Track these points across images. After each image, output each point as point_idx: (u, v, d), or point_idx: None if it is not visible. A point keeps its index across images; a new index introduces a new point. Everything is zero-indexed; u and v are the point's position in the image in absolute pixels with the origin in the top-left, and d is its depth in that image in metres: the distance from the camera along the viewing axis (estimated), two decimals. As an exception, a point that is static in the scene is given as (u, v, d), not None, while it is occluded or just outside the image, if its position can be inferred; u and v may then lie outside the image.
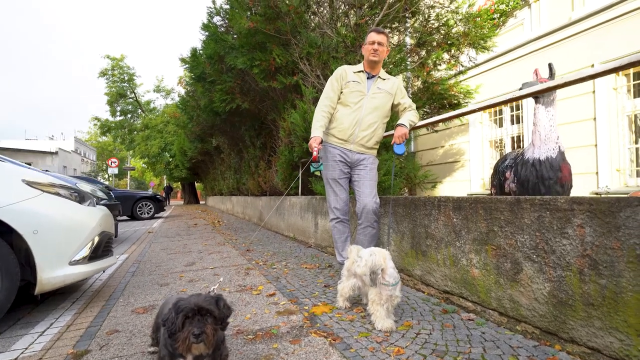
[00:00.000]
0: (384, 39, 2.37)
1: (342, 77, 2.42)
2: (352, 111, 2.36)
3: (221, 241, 4.77)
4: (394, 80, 2.50)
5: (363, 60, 2.48)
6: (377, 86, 2.41)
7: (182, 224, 8.05)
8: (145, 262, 3.45)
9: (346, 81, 2.40)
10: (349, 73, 2.42)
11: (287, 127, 4.63)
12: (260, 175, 6.39)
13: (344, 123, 2.36)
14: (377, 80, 2.43)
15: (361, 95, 2.37)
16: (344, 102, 2.40)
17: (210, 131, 8.71)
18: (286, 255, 3.57)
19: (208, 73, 5.48)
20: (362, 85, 2.39)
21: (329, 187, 2.43)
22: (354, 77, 2.40)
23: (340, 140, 2.39)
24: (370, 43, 2.35)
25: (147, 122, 22.94)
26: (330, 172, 2.39)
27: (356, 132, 2.36)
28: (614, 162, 4.64)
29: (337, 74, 2.44)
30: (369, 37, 2.39)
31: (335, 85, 2.42)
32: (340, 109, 2.41)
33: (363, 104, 2.36)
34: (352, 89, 2.37)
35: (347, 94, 2.38)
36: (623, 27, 4.48)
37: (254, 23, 4.02)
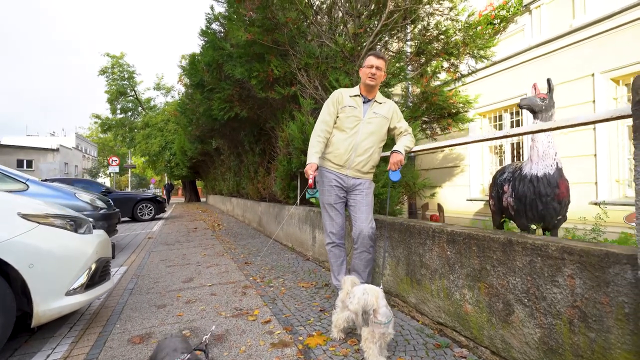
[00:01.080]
0: (382, 64, 2.36)
1: (338, 101, 2.41)
2: (348, 136, 2.35)
3: (220, 251, 4.78)
4: (390, 104, 2.49)
5: (360, 82, 2.47)
6: (373, 111, 2.40)
7: (182, 228, 8.08)
8: (144, 277, 3.47)
9: (342, 106, 2.39)
10: (345, 97, 2.41)
11: (285, 137, 4.63)
12: (260, 182, 6.39)
13: (340, 148, 2.36)
14: (374, 105, 2.42)
15: (357, 120, 2.36)
16: (340, 127, 2.39)
17: (210, 134, 8.71)
18: (284, 269, 3.59)
19: (207, 81, 5.46)
20: (358, 110, 2.38)
21: (325, 212, 2.43)
22: (350, 102, 2.39)
23: (336, 165, 2.38)
24: (369, 67, 2.34)
25: (147, 120, 22.94)
26: (326, 197, 2.39)
27: (352, 157, 2.36)
28: (613, 173, 4.63)
29: (333, 98, 2.43)
30: (367, 60, 2.37)
31: (331, 109, 2.41)
32: (337, 134, 2.40)
33: (359, 129, 2.35)
34: (348, 114, 2.37)
35: (343, 119, 2.38)
36: (623, 37, 4.44)
37: (251, 35, 4.00)
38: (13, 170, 4.69)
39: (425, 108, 4.81)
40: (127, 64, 24.01)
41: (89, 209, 4.75)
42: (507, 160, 6.22)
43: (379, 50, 2.41)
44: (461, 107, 4.89)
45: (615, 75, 4.58)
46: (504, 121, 6.30)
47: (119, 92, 23.81)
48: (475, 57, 4.75)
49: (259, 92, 4.54)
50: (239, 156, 8.27)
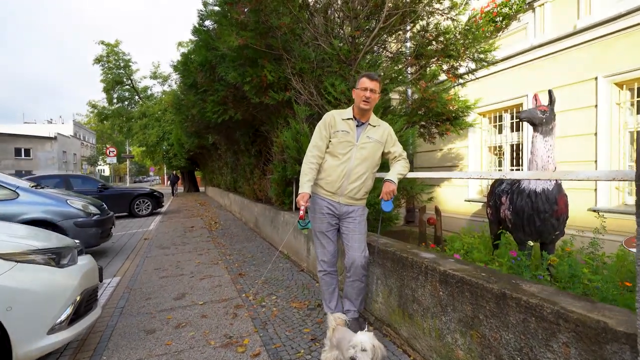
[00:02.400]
0: (376, 86, 2.25)
1: (330, 125, 2.32)
2: (341, 162, 2.27)
3: (215, 258, 4.75)
4: (384, 127, 2.40)
5: (352, 104, 2.37)
6: (367, 135, 2.31)
7: (178, 227, 8.04)
8: (136, 291, 3.43)
9: (335, 130, 2.29)
10: (337, 121, 2.31)
11: (280, 143, 4.53)
12: (256, 183, 6.32)
13: (332, 175, 2.27)
14: (367, 129, 2.33)
15: (350, 145, 2.27)
16: (333, 152, 2.30)
17: (206, 130, 8.58)
18: (277, 283, 3.55)
19: (200, 82, 5.31)
20: (351, 134, 2.29)
21: (316, 240, 2.37)
22: (342, 126, 2.29)
23: (328, 192, 2.31)
24: (363, 89, 2.23)
25: (144, 110, 22.66)
26: (318, 224, 2.32)
27: (345, 184, 2.28)
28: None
29: (325, 121, 2.34)
30: (361, 82, 2.27)
31: (323, 133, 2.32)
32: (329, 159, 2.31)
33: (352, 155, 2.27)
34: (341, 139, 2.27)
35: (336, 144, 2.28)
36: (628, 41, 4.29)
37: (244, 39, 3.85)
38: (4, 176, 4.61)
39: (424, 113, 4.69)
40: (122, 52, 23.58)
41: (81, 215, 4.70)
42: (507, 162, 6.14)
43: (373, 73, 2.30)
44: (460, 112, 4.77)
45: (619, 80, 4.45)
46: (504, 122, 6.18)
47: (115, 81, 23.44)
48: (475, 60, 4.61)
49: (252, 98, 4.41)
50: (236, 154, 8.17)
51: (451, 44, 4.44)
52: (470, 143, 6.66)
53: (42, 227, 4.43)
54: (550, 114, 3.14)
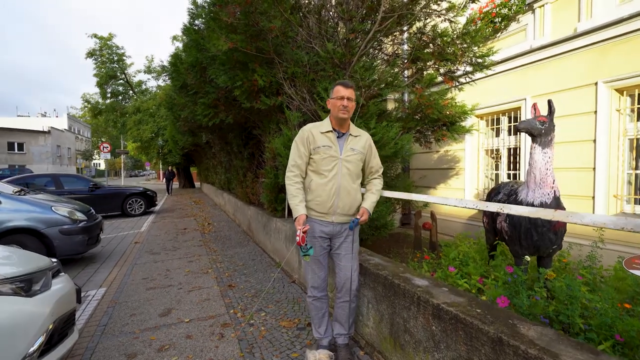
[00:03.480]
0: (352, 93, 2.14)
1: (309, 141, 2.18)
2: (328, 180, 2.15)
3: (205, 266, 4.64)
4: (365, 136, 2.30)
5: (329, 115, 2.25)
6: (350, 147, 2.19)
7: (171, 228, 7.92)
8: (121, 305, 3.32)
9: (315, 146, 2.17)
10: (316, 136, 2.18)
11: (272, 148, 4.40)
12: (248, 187, 6.19)
13: (322, 195, 2.15)
14: (349, 139, 2.21)
15: (335, 159, 2.16)
16: (317, 170, 2.18)
17: (199, 130, 8.41)
18: (268, 297, 3.45)
19: (190, 84, 5.15)
20: (334, 148, 2.17)
21: (307, 265, 2.26)
22: (323, 141, 2.16)
23: (319, 213, 2.19)
24: (339, 98, 2.11)
25: (138, 105, 22.35)
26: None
27: (336, 202, 2.16)
28: (612, 188, 4.47)
29: (302, 138, 2.21)
30: (335, 90, 2.15)
31: (302, 150, 2.20)
32: (315, 178, 2.19)
33: (338, 170, 2.15)
34: (324, 155, 2.15)
35: (319, 161, 2.16)
36: (629, 46, 4.18)
37: (233, 43, 3.69)
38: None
39: (419, 118, 4.57)
40: (116, 46, 23.19)
41: (67, 222, 4.56)
42: (504, 166, 6.05)
43: (347, 80, 2.19)
44: (457, 118, 4.65)
45: (619, 86, 4.34)
46: (502, 125, 6.08)
47: (109, 76, 23.07)
48: (473, 64, 4.48)
49: (243, 102, 4.26)
50: (229, 154, 8.03)
51: (448, 47, 4.31)
52: (467, 146, 6.55)
53: (26, 235, 4.32)
54: (549, 125, 3.04)
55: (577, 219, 1.17)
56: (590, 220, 1.15)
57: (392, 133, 3.88)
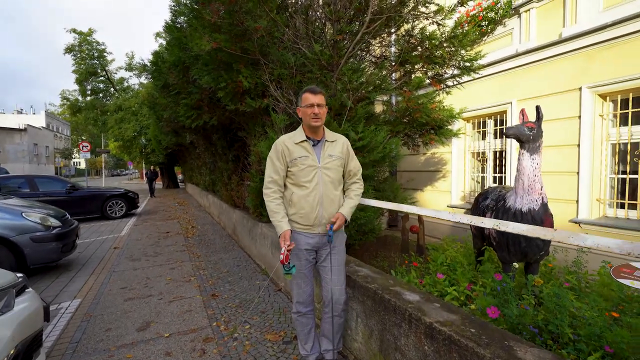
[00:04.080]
0: (322, 99, 2.05)
1: (284, 154, 2.09)
2: (310, 191, 2.05)
3: (188, 273, 4.47)
4: (341, 140, 2.21)
5: (302, 124, 2.15)
6: (328, 153, 2.10)
7: (153, 231, 7.67)
8: (96, 319, 3.14)
9: (291, 158, 2.07)
10: (291, 149, 2.08)
11: (257, 152, 4.27)
12: (233, 189, 6.03)
13: (305, 207, 2.05)
14: (326, 146, 2.12)
15: (314, 169, 2.07)
16: (297, 182, 2.08)
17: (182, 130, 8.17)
18: (252, 307, 3.33)
19: (172, 84, 4.95)
20: (312, 157, 2.07)
21: (293, 278, 2.15)
22: (299, 152, 2.07)
23: (304, 226, 2.09)
24: (308, 106, 2.02)
25: (120, 104, 21.71)
26: (296, 262, 2.10)
27: (320, 213, 2.07)
28: (595, 192, 4.53)
29: (276, 152, 2.11)
30: (304, 98, 2.06)
31: (277, 165, 2.10)
32: (295, 191, 2.09)
33: (319, 179, 2.06)
34: (302, 166, 2.06)
35: (298, 173, 2.07)
36: (612, 52, 4.24)
37: (217, 42, 3.55)
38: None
39: (407, 122, 4.52)
40: (96, 42, 22.44)
41: (39, 229, 4.32)
42: (489, 168, 6.08)
43: (314, 86, 2.09)
44: (445, 122, 4.63)
45: (602, 91, 4.40)
46: (488, 128, 6.11)
47: (89, 72, 22.32)
48: (460, 68, 4.46)
49: (228, 104, 4.12)
50: (214, 156, 7.83)
51: (436, 50, 4.27)
52: (454, 149, 6.57)
53: (-6, 243, 4.06)
54: (537, 131, 3.02)
55: (579, 241, 1.11)
56: (592, 242, 1.09)
57: (380, 137, 3.82)
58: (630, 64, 4.07)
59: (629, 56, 4.09)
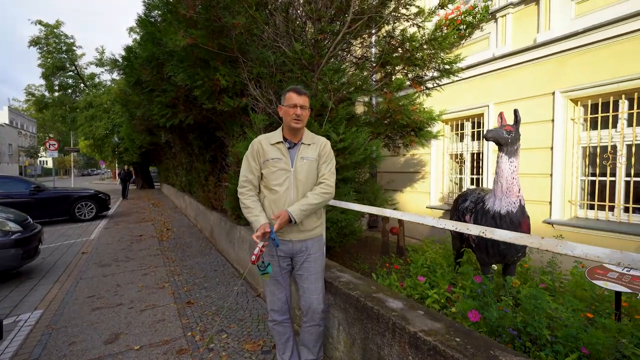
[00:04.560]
0: (305, 101, 1.97)
1: (258, 153, 2.01)
2: (280, 195, 1.96)
3: (161, 279, 4.27)
4: (320, 143, 2.09)
5: (282, 125, 2.06)
6: (300, 156, 2.01)
7: (125, 234, 7.33)
8: (59, 331, 2.92)
9: (264, 159, 1.98)
10: (266, 149, 1.99)
11: (235, 152, 4.13)
12: (211, 191, 5.84)
13: (275, 212, 1.95)
14: (301, 149, 2.02)
15: (286, 173, 1.97)
16: (268, 185, 2.00)
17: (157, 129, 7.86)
18: (230, 314, 3.20)
19: (145, 81, 4.72)
20: (284, 160, 1.98)
21: (266, 285, 2.06)
22: (273, 153, 1.98)
23: (276, 232, 2.00)
24: (291, 106, 1.93)
25: (91, 100, 20.72)
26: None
27: None
28: (567, 193, 4.68)
29: (252, 151, 2.03)
30: (288, 97, 1.96)
31: (252, 164, 2.02)
32: (267, 195, 2.01)
33: (290, 184, 1.97)
34: (273, 168, 1.97)
35: (269, 176, 1.98)
36: (583, 59, 4.39)
37: (192, 38, 3.39)
38: None
39: (388, 123, 4.51)
40: (64, 35, 21.32)
41: (-4, 234, 4.00)
42: (467, 170, 6.19)
43: (299, 87, 2.00)
44: (425, 124, 4.65)
45: (574, 96, 4.55)
46: (466, 130, 6.22)
47: (56, 67, 21.14)
48: (440, 70, 4.49)
49: (204, 103, 3.96)
50: (190, 156, 7.57)
51: (417, 52, 4.28)
52: (433, 150, 6.65)
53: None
54: (515, 134, 3.07)
55: (568, 250, 1.09)
56: (581, 251, 1.06)
57: (362, 138, 3.78)
58: (599, 71, 4.23)
59: (598, 63, 4.25)
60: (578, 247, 1.05)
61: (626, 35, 3.99)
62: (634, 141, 4.09)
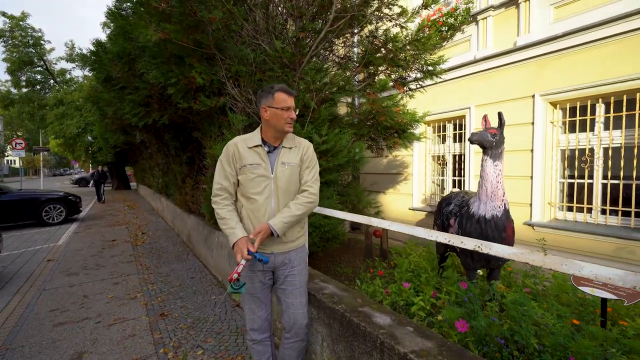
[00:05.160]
0: (294, 102, 1.84)
1: (234, 158, 1.82)
2: (260, 205, 1.80)
3: (133, 289, 4.01)
4: (302, 146, 1.93)
5: (261, 125, 1.88)
6: (281, 161, 1.84)
7: (97, 239, 6.95)
8: (15, 352, 2.65)
9: (241, 165, 1.81)
10: (243, 153, 1.81)
11: (213, 154, 3.93)
12: (188, 194, 5.59)
13: (255, 224, 1.80)
14: (281, 153, 1.85)
15: (265, 180, 1.80)
16: (246, 194, 1.82)
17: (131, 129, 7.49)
18: (207, 327, 3.01)
19: (116, 78, 4.44)
20: (264, 165, 1.81)
21: (245, 302, 1.90)
22: (250, 158, 1.80)
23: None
24: (284, 108, 1.76)
25: (61, 97, 19.73)
26: (248, 284, 1.85)
27: None
28: (546, 195, 4.74)
29: (227, 155, 1.84)
30: (279, 99, 1.77)
31: (227, 170, 1.83)
32: (245, 204, 1.83)
33: (271, 191, 1.81)
34: (251, 175, 1.79)
35: (247, 183, 1.80)
36: (561, 62, 4.44)
37: (165, 33, 3.17)
38: None
39: (371, 125, 4.43)
40: (31, 28, 20.22)
41: (-54, 244, 3.63)
42: (449, 172, 6.20)
43: (286, 86, 1.84)
44: (409, 125, 4.59)
45: (553, 99, 4.60)
46: (447, 132, 6.23)
47: (23, 61, 20.03)
48: (424, 71, 4.45)
49: (179, 102, 3.74)
50: (167, 157, 7.26)
51: (400, 53, 4.22)
52: (415, 152, 6.63)
53: None
54: (500, 137, 3.04)
55: (575, 270, 1.00)
56: (590, 272, 0.97)
57: (345, 140, 3.67)
58: (577, 75, 4.29)
59: (576, 67, 4.31)
60: (586, 266, 0.96)
61: (602, 40, 4.06)
62: (611, 144, 4.16)
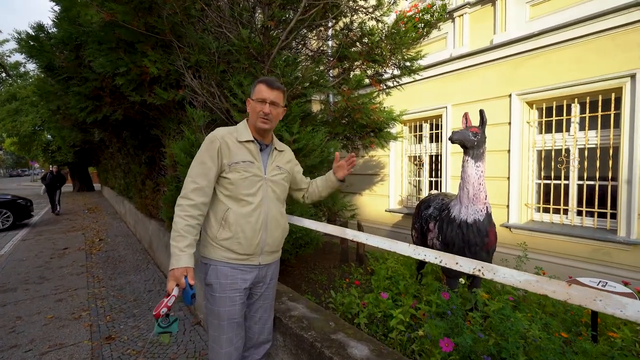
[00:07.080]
0: (279, 98, 1.56)
1: (221, 153, 1.50)
2: (253, 208, 1.51)
3: (79, 306, 3.53)
4: (288, 151, 1.80)
5: (246, 120, 1.63)
6: (276, 164, 1.63)
7: (47, 248, 6.28)
8: None
9: (232, 161, 1.50)
10: (233, 148, 1.51)
11: (171, 154, 3.53)
12: (148, 197, 5.11)
13: (246, 230, 1.50)
14: (274, 154, 1.65)
15: (259, 180, 1.54)
16: (235, 194, 1.51)
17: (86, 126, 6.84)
18: (161, 350, 2.63)
19: (60, 67, 3.92)
20: (257, 164, 1.55)
21: (221, 332, 1.52)
22: (243, 154, 1.52)
23: (243, 255, 1.52)
24: (259, 101, 1.51)
25: (14, 92, 18.23)
26: (228, 308, 1.51)
27: (264, 238, 1.55)
28: (523, 197, 4.67)
29: (212, 148, 1.50)
30: (257, 90, 1.54)
31: (209, 165, 1.48)
32: (233, 207, 1.51)
33: (264, 194, 1.55)
34: (245, 174, 1.50)
35: (239, 183, 1.50)
36: (537, 62, 4.38)
37: (110, 15, 2.76)
38: None
39: (347, 123, 4.17)
40: (-19, 16, 18.53)
41: None
42: (426, 172, 6.06)
43: (273, 78, 1.55)
44: (385, 124, 4.37)
45: (529, 99, 4.54)
46: (424, 132, 6.09)
47: (-30, 53, 18.35)
48: (401, 68, 4.24)
49: (130, 95, 3.31)
50: (127, 157, 6.69)
51: (376, 47, 3.99)
52: (391, 152, 6.46)
53: None
54: (481, 137, 2.85)
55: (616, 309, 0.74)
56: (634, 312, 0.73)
57: (318, 139, 3.37)
58: (552, 74, 4.22)
59: (552, 66, 4.24)
60: (630, 305, 0.72)
61: (578, 39, 4.00)
62: (586, 145, 4.12)
